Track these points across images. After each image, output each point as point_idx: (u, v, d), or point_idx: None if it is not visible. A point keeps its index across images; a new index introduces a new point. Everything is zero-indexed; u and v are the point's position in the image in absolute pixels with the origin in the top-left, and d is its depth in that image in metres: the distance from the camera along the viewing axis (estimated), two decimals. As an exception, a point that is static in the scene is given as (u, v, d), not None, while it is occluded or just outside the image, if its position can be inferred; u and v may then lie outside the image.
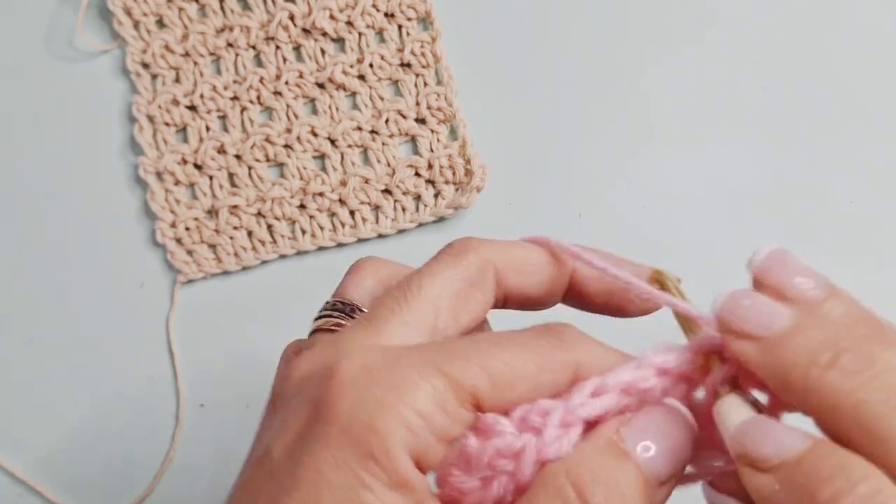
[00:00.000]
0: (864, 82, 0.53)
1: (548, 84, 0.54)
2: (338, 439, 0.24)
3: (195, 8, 0.55)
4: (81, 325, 0.55)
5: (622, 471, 0.24)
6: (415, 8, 0.54)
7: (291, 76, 0.54)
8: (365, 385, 0.25)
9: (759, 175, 0.53)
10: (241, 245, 0.54)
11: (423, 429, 0.24)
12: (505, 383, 0.25)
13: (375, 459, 0.24)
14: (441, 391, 0.25)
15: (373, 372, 0.25)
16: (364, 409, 0.24)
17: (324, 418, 0.25)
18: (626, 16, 0.54)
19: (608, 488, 0.24)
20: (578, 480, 0.24)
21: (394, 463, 0.24)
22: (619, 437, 0.25)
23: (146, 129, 0.55)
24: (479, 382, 0.25)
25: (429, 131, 0.54)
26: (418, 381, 0.25)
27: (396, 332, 0.27)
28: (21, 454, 0.54)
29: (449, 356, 0.25)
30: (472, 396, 0.25)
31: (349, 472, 0.24)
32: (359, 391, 0.25)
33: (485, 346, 0.26)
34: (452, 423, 0.25)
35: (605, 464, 0.24)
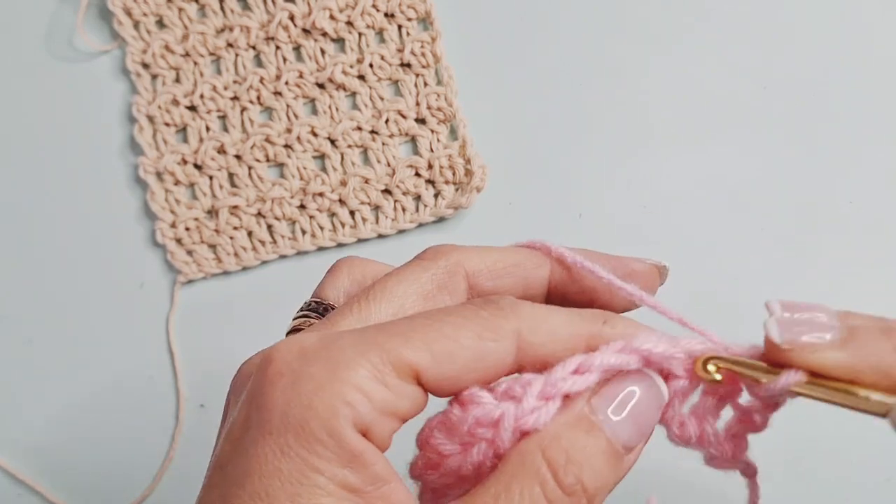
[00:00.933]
0: (864, 82, 0.53)
1: (548, 84, 0.54)
2: (279, 426, 0.24)
3: (195, 8, 0.55)
4: (81, 326, 0.55)
5: (594, 446, 0.25)
6: (415, 8, 0.54)
7: (291, 76, 0.54)
8: (299, 367, 0.25)
9: (759, 175, 0.53)
10: (241, 245, 0.54)
11: (365, 403, 0.24)
12: (446, 355, 0.25)
13: (319, 439, 0.24)
14: (379, 366, 0.25)
15: (308, 354, 0.25)
16: (301, 392, 0.24)
17: (263, 406, 0.24)
18: (626, 16, 0.54)
19: (581, 467, 0.25)
20: (553, 460, 0.25)
21: (338, 439, 0.24)
22: (590, 409, 0.26)
23: (146, 129, 0.55)
24: (418, 356, 0.25)
25: (429, 131, 0.54)
26: (355, 357, 0.25)
27: (350, 327, 0.27)
28: (21, 454, 0.55)
29: (387, 333, 0.25)
30: (413, 370, 0.25)
31: (295, 457, 0.24)
32: (294, 374, 0.24)
33: (423, 320, 0.26)
34: (396, 397, 0.25)
35: (578, 440, 0.25)
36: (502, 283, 0.30)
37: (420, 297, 0.29)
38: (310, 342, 0.25)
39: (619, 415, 0.26)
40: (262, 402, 0.24)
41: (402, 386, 0.25)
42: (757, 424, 0.27)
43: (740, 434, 0.27)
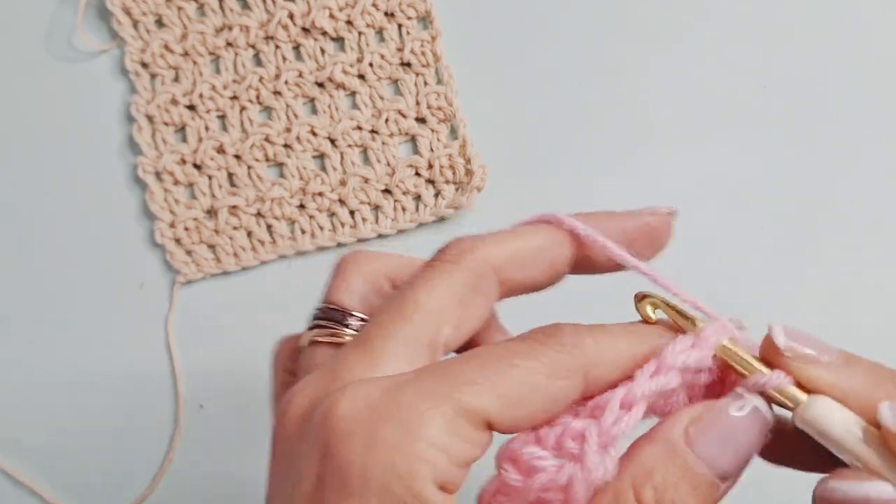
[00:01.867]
0: (864, 82, 0.53)
1: (548, 83, 0.54)
2: (360, 488, 0.23)
3: (194, 7, 0.55)
4: (81, 326, 0.55)
5: (689, 481, 0.24)
6: (415, 7, 0.54)
7: (291, 75, 0.54)
8: (372, 427, 0.24)
9: (759, 174, 0.53)
10: (241, 245, 0.54)
11: (443, 459, 0.24)
12: (516, 400, 0.25)
13: (402, 501, 0.23)
14: (452, 419, 0.24)
15: (377, 411, 0.24)
16: (378, 453, 0.23)
17: (339, 468, 0.24)
18: (626, 15, 0.54)
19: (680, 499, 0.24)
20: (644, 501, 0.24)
21: (422, 500, 0.23)
22: (686, 439, 0.25)
23: (145, 128, 0.55)
24: (489, 404, 0.24)
25: (429, 131, 0.54)
26: (427, 412, 0.24)
27: (395, 356, 0.26)
28: (21, 455, 0.54)
29: (454, 380, 0.25)
30: (485, 419, 0.24)
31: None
32: (368, 434, 0.24)
33: (489, 363, 0.25)
34: (470, 447, 0.24)
35: (671, 475, 0.24)
36: (530, 272, 0.30)
37: (456, 305, 0.28)
38: (375, 396, 0.24)
39: (716, 443, 0.25)
40: (338, 463, 0.24)
41: (475, 435, 0.24)
42: None
43: None
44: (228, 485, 0.53)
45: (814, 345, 0.26)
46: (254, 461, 0.53)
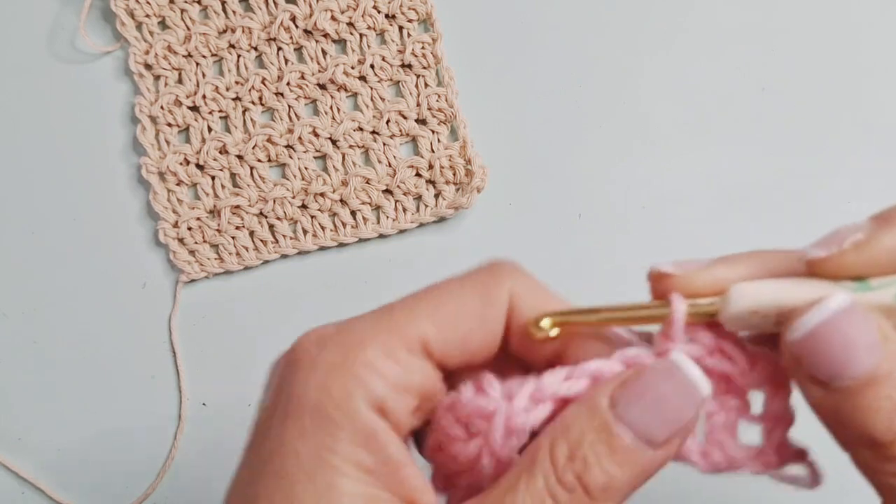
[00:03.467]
0: (862, 82, 0.53)
1: (548, 85, 0.54)
2: (297, 409, 0.25)
3: (197, 9, 0.55)
4: (84, 326, 0.55)
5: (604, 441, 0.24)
6: (416, 9, 0.54)
7: (293, 77, 0.54)
8: (317, 353, 0.25)
9: (758, 175, 0.53)
10: (243, 245, 0.55)
11: (377, 381, 0.25)
12: (449, 324, 0.26)
13: (334, 420, 0.24)
14: (387, 343, 0.25)
15: (324, 340, 0.26)
16: (317, 376, 0.25)
17: (284, 392, 0.25)
18: (626, 17, 0.54)
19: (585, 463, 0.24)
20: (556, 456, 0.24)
21: (353, 419, 0.24)
22: (609, 402, 0.24)
23: (148, 129, 0.55)
24: (423, 327, 0.26)
25: (429, 132, 0.54)
26: (366, 338, 0.25)
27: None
28: (24, 453, 0.55)
29: (394, 312, 0.26)
30: (421, 342, 0.26)
31: (312, 438, 0.24)
32: (311, 359, 0.25)
33: (427, 293, 0.27)
34: (406, 371, 0.25)
35: (587, 434, 0.24)
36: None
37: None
38: (328, 330, 0.26)
39: (640, 405, 0.24)
40: (283, 388, 0.25)
41: (412, 360, 0.26)
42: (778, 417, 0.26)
43: (774, 439, 0.26)
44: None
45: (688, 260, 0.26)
46: (256, 459, 0.53)
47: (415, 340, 0.26)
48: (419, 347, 0.26)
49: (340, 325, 0.26)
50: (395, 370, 0.25)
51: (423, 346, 0.26)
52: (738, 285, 0.25)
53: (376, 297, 0.28)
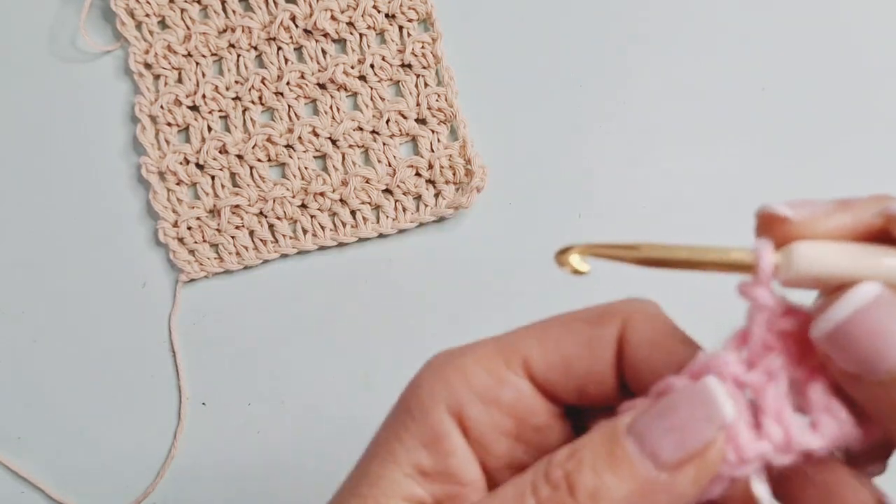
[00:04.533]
0: (863, 83, 0.53)
1: (548, 84, 0.54)
2: (395, 407, 0.25)
3: (197, 9, 0.55)
4: (84, 325, 0.55)
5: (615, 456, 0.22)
6: (415, 9, 0.54)
7: (293, 77, 0.54)
8: (434, 366, 0.26)
9: (759, 175, 0.53)
10: (243, 244, 0.55)
11: (463, 386, 0.24)
12: (552, 344, 0.25)
13: (411, 414, 0.24)
14: (487, 355, 0.25)
15: (445, 356, 0.26)
16: (420, 378, 0.25)
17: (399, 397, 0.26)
18: (626, 17, 0.55)
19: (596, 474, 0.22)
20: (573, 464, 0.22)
21: (425, 415, 0.24)
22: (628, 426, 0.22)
23: (148, 129, 0.55)
24: (528, 346, 0.25)
25: (429, 132, 0.54)
26: (471, 348, 0.25)
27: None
28: (24, 452, 0.55)
29: (507, 334, 0.26)
30: (522, 360, 0.25)
31: (389, 426, 0.25)
32: (426, 366, 0.26)
33: (542, 320, 0.26)
34: (498, 384, 0.24)
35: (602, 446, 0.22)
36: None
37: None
38: (452, 350, 0.26)
39: (654, 420, 0.22)
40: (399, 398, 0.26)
41: (509, 376, 0.25)
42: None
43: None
44: (231, 481, 0.53)
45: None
46: (256, 458, 0.53)
47: (516, 358, 0.25)
48: (520, 365, 0.25)
49: (466, 345, 0.26)
50: (485, 380, 0.24)
51: (525, 365, 0.25)
52: (803, 243, 0.22)
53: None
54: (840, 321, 0.21)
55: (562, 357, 0.25)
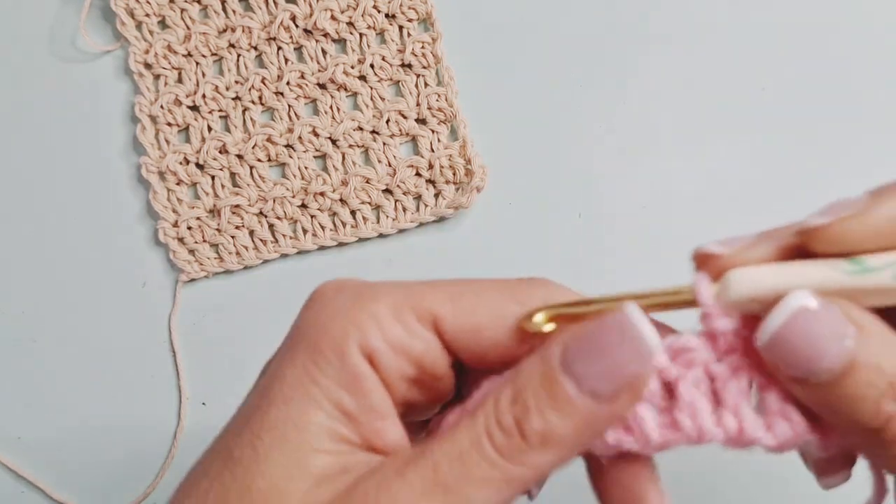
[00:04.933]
0: (863, 83, 0.53)
1: (548, 84, 0.54)
2: (296, 341, 0.26)
3: (197, 9, 0.55)
4: (84, 325, 0.55)
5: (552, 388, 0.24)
6: (415, 9, 0.54)
7: (293, 77, 0.54)
8: (332, 297, 0.26)
9: (759, 175, 0.53)
10: (243, 244, 0.55)
11: (375, 332, 0.25)
12: (467, 308, 0.26)
13: (325, 356, 0.25)
14: (399, 304, 0.26)
15: (343, 288, 0.26)
16: (322, 315, 0.26)
17: (293, 327, 0.27)
18: (626, 17, 0.55)
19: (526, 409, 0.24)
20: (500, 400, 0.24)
21: (342, 359, 0.25)
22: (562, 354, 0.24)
23: (148, 129, 0.55)
24: (439, 304, 0.26)
25: (429, 131, 0.54)
26: (380, 294, 0.26)
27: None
28: (23, 451, 0.55)
29: (418, 284, 0.26)
30: (432, 316, 0.26)
31: (300, 366, 0.25)
32: (324, 302, 0.26)
33: (455, 280, 0.27)
34: (409, 335, 0.26)
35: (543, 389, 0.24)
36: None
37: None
38: (350, 281, 0.27)
39: (585, 356, 0.24)
40: (294, 324, 0.27)
41: (418, 328, 0.26)
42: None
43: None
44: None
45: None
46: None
47: (427, 312, 0.26)
48: (430, 320, 0.26)
49: (364, 281, 0.27)
50: (397, 330, 0.26)
51: (435, 321, 0.26)
52: (735, 271, 0.24)
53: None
54: (775, 330, 0.23)
55: (472, 324, 0.26)
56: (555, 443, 0.24)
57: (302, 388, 0.25)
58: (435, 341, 0.26)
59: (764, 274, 0.24)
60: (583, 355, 0.24)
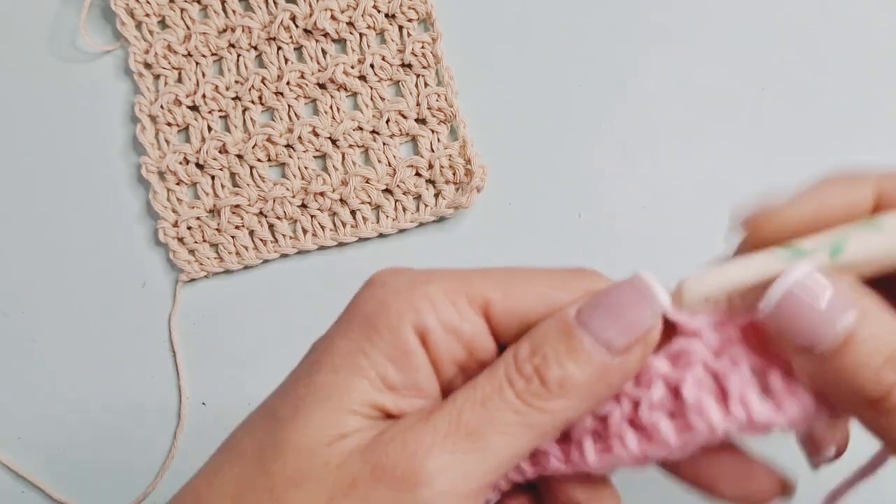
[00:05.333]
0: (863, 83, 0.53)
1: (548, 84, 0.54)
2: (352, 317, 0.27)
3: (197, 9, 0.55)
4: (84, 325, 0.55)
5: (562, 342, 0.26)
6: (415, 9, 0.54)
7: (293, 76, 0.54)
8: (389, 279, 0.27)
9: (759, 175, 0.53)
10: (243, 244, 0.55)
11: (430, 312, 0.26)
12: (518, 294, 0.27)
13: (378, 331, 0.26)
14: (453, 288, 0.27)
15: (401, 272, 0.28)
16: (379, 294, 0.27)
17: (349, 306, 0.27)
18: (626, 16, 0.54)
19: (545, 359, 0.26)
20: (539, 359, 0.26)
21: (394, 334, 0.26)
22: (575, 311, 0.26)
23: (148, 129, 0.55)
24: (491, 290, 0.27)
25: (429, 131, 0.54)
26: (434, 278, 0.27)
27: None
28: (23, 451, 0.55)
29: (470, 271, 0.28)
30: (484, 301, 0.27)
31: (353, 339, 0.26)
32: (382, 283, 0.27)
33: (508, 268, 0.28)
34: (460, 318, 0.27)
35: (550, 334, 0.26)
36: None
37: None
38: (406, 269, 0.28)
39: (601, 313, 0.26)
40: (349, 304, 0.28)
41: (469, 312, 0.27)
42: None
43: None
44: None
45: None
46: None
47: (479, 297, 0.27)
48: (480, 305, 0.27)
49: (419, 269, 0.28)
50: (450, 311, 0.26)
51: (486, 306, 0.27)
52: (685, 281, 0.26)
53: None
54: (779, 298, 0.24)
55: (521, 311, 0.27)
56: (573, 391, 0.25)
57: (351, 357, 0.26)
58: (484, 326, 0.27)
59: (711, 275, 0.26)
60: (598, 312, 0.26)
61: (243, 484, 0.25)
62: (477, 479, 0.25)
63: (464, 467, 0.25)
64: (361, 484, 0.25)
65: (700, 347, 0.26)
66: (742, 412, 0.25)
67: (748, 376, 0.25)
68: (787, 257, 0.25)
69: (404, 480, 0.24)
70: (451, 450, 0.25)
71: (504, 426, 0.25)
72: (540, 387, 0.25)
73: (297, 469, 0.25)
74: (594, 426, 0.27)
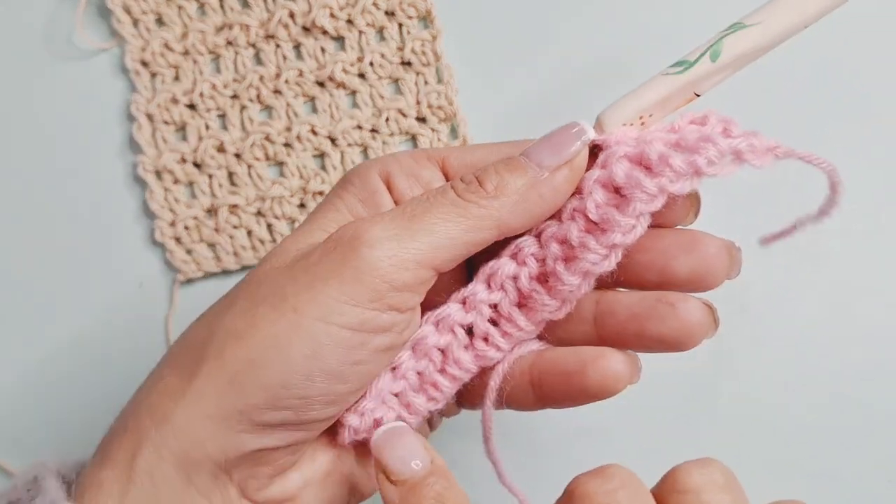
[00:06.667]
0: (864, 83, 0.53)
1: (548, 84, 0.54)
2: (338, 183, 0.36)
3: (195, 6, 0.55)
4: (81, 325, 0.55)
5: (511, 163, 0.33)
6: (415, 6, 0.54)
7: (291, 74, 0.54)
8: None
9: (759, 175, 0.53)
10: (241, 244, 0.54)
11: (393, 162, 0.34)
12: (469, 150, 0.35)
13: (350, 182, 0.34)
14: (415, 153, 0.35)
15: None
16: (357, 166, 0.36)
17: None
18: (627, 16, 0.54)
19: (485, 171, 0.33)
20: (481, 172, 0.33)
21: (363, 180, 0.34)
22: (521, 154, 0.34)
23: (145, 127, 0.55)
24: (446, 152, 0.35)
25: (429, 130, 0.54)
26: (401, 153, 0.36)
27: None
28: (20, 454, 0.55)
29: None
30: (440, 158, 0.35)
31: (334, 192, 0.35)
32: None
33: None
34: (419, 166, 0.35)
35: (501, 161, 0.33)
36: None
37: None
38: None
39: (540, 144, 0.33)
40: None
41: (428, 164, 0.35)
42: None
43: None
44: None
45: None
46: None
47: (436, 155, 0.35)
48: (438, 160, 0.35)
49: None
50: (410, 162, 0.34)
51: (442, 161, 0.35)
52: (602, 113, 0.34)
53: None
54: (374, 440, 0.31)
55: (473, 162, 0.34)
56: (506, 192, 0.32)
57: (330, 202, 0.34)
58: (441, 175, 0.35)
59: (623, 102, 0.35)
60: (537, 145, 0.33)
61: (251, 283, 0.34)
62: (414, 249, 0.30)
63: (403, 240, 0.30)
64: (316, 254, 0.31)
65: (625, 146, 0.33)
66: (665, 167, 0.33)
67: (664, 148, 0.33)
68: (677, 71, 0.35)
69: (350, 244, 0.30)
70: (394, 226, 0.30)
71: (442, 213, 0.31)
72: (478, 187, 0.32)
73: (278, 260, 0.33)
74: (562, 252, 0.32)
